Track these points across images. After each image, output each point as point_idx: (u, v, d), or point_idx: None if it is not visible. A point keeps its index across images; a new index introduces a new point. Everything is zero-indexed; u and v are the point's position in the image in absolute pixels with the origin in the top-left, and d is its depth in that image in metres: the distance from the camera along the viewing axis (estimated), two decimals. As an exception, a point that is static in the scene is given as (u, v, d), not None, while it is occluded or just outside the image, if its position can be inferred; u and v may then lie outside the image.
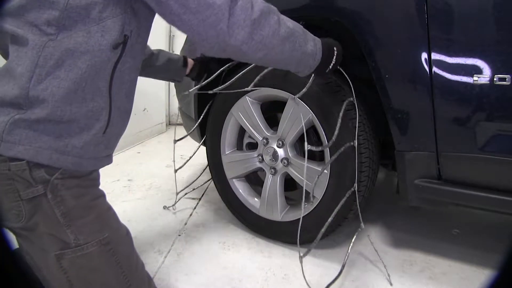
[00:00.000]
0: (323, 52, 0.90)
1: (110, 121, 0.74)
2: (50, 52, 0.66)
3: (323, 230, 1.16)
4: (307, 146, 1.10)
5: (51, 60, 0.66)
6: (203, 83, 1.35)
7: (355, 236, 1.19)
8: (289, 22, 0.81)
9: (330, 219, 1.16)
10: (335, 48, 0.94)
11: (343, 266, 1.12)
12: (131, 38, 0.73)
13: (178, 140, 1.59)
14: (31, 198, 0.70)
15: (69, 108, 0.68)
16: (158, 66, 1.21)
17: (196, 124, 1.54)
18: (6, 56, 0.75)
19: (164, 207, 1.68)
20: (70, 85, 0.67)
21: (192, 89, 1.39)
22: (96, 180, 0.80)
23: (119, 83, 0.75)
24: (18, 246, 0.80)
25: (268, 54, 0.78)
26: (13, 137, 0.66)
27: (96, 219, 0.76)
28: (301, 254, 1.11)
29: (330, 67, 0.94)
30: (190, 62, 1.30)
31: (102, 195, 0.81)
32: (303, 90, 1.12)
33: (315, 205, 1.24)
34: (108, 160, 0.82)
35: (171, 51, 1.41)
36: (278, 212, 1.34)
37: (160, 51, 1.22)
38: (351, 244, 1.16)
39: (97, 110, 0.71)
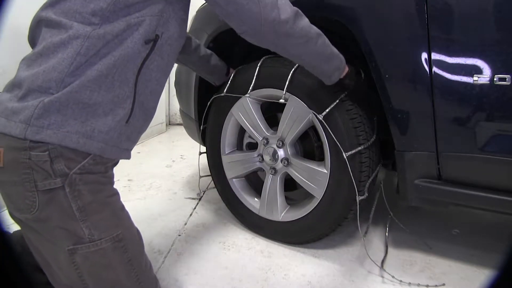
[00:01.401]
0: (347, 71, 1.03)
1: (133, 112, 0.77)
2: (93, 43, 0.71)
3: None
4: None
5: (92, 50, 0.71)
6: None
7: (386, 232, 1.18)
8: (322, 38, 0.93)
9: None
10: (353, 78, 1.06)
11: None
12: (161, 38, 0.79)
13: (203, 153, 1.64)
14: (47, 190, 0.70)
15: (98, 91, 0.72)
16: (208, 65, 1.30)
17: (201, 128, 1.53)
18: (33, 45, 0.79)
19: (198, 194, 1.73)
20: (103, 69, 0.72)
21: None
22: (111, 178, 0.83)
23: (145, 79, 0.79)
24: (25, 240, 0.80)
25: (308, 42, 0.88)
26: (41, 121, 0.68)
27: (111, 215, 0.77)
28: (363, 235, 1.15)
29: (349, 80, 1.05)
30: (232, 71, 1.38)
31: (116, 193, 0.82)
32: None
33: (315, 205, 1.24)
34: (127, 154, 0.85)
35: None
36: (278, 212, 1.34)
37: (212, 53, 1.31)
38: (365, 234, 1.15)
39: (122, 97, 0.75)
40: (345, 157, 1.11)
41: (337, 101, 1.12)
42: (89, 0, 0.72)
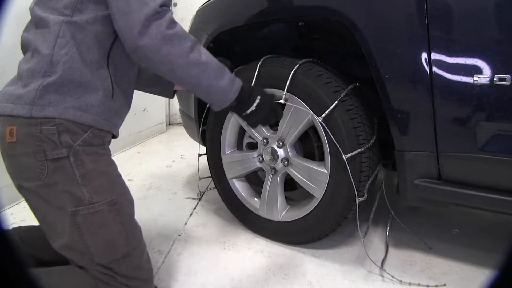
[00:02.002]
0: (240, 95, 0.97)
1: (114, 90, 0.90)
2: (67, 26, 0.84)
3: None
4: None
5: (69, 32, 0.83)
6: None
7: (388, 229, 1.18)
8: (204, 56, 0.90)
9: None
10: (259, 99, 1.01)
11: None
12: None
13: (202, 154, 1.65)
14: (55, 159, 0.83)
15: (85, 71, 0.85)
16: (143, 79, 1.20)
17: (200, 129, 1.53)
18: (25, 48, 0.91)
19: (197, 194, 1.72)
20: (84, 52, 0.84)
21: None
22: (109, 151, 0.95)
23: (115, 63, 0.90)
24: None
25: (173, 71, 0.88)
26: (43, 100, 0.82)
27: (108, 182, 0.90)
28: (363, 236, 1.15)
29: (248, 112, 1.01)
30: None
31: (113, 163, 0.95)
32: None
33: (315, 205, 1.24)
34: (116, 129, 0.96)
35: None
36: (278, 212, 1.34)
37: None
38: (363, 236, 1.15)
39: (103, 76, 0.88)
40: (344, 159, 1.11)
41: (337, 102, 1.12)
42: None
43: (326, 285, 1.15)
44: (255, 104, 1.01)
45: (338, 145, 1.12)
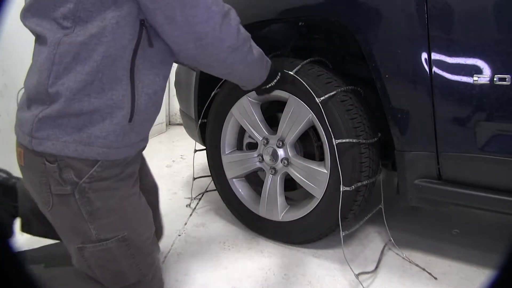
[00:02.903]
0: (269, 74, 1.04)
1: (136, 108, 0.74)
2: (65, 49, 0.67)
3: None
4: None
5: (67, 57, 0.67)
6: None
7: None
8: (255, 50, 0.92)
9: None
10: (279, 74, 1.11)
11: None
12: (146, 24, 0.72)
13: (198, 150, 1.68)
14: (59, 194, 0.75)
15: (88, 99, 0.69)
16: None
17: (199, 122, 1.53)
18: None
19: (187, 206, 1.71)
20: (87, 77, 0.68)
21: None
22: (129, 178, 0.82)
23: (140, 78, 0.74)
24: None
25: (230, 74, 0.90)
26: (41, 133, 0.70)
27: (119, 219, 0.81)
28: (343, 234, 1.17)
29: (267, 86, 1.08)
30: None
31: (132, 194, 0.84)
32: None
33: (315, 205, 1.24)
34: (143, 143, 0.86)
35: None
36: (278, 212, 1.34)
37: None
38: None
39: (117, 98, 0.71)
40: (335, 146, 1.11)
41: (336, 91, 1.12)
42: (58, 5, 0.68)
43: (326, 285, 1.15)
44: (275, 81, 1.08)
45: (337, 146, 1.12)
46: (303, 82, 1.16)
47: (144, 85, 0.74)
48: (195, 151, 1.70)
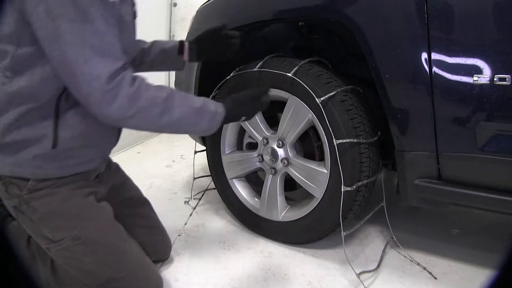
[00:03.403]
0: (228, 116, 0.96)
1: (59, 139, 0.85)
2: (1, 95, 0.82)
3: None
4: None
5: (2, 101, 0.82)
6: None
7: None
8: (178, 111, 0.85)
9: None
10: (244, 118, 1.03)
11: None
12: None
13: (198, 151, 1.69)
14: (14, 206, 0.90)
15: (19, 132, 0.83)
16: (150, 60, 1.19)
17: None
18: None
19: (185, 202, 1.72)
20: (18, 117, 0.82)
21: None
22: (67, 184, 0.91)
23: (70, 111, 0.85)
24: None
25: (144, 130, 0.89)
26: None
27: (66, 220, 0.91)
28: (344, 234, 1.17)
29: (243, 119, 1.04)
30: (186, 48, 1.21)
31: (72, 196, 0.92)
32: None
33: (315, 205, 1.24)
34: (81, 167, 0.93)
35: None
36: (278, 212, 1.34)
37: (154, 42, 1.20)
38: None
39: (43, 131, 0.84)
40: (336, 146, 1.10)
41: (336, 91, 1.12)
42: (1, 57, 0.80)
43: (326, 285, 1.15)
44: (242, 119, 1.04)
45: (336, 147, 1.12)
46: (302, 83, 1.16)
47: (68, 123, 0.85)
48: (195, 152, 1.70)
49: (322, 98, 1.12)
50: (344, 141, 1.12)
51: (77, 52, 0.73)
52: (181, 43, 1.20)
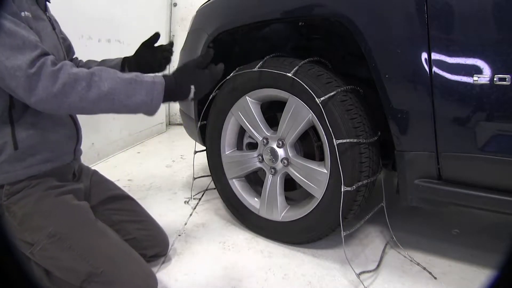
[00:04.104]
0: (168, 94, 0.92)
1: (18, 140, 0.92)
2: None
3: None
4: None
5: None
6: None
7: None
8: (107, 83, 0.86)
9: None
10: (194, 88, 0.95)
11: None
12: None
13: (198, 151, 1.70)
14: None
15: None
16: (132, 65, 1.21)
17: (199, 124, 1.53)
18: None
19: (185, 202, 1.73)
20: None
21: None
22: (42, 184, 0.97)
23: (21, 115, 0.91)
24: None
25: (82, 112, 0.89)
26: None
27: (40, 219, 0.95)
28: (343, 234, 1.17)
29: (190, 98, 0.96)
30: (125, 62, 1.21)
31: (43, 196, 0.96)
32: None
33: (315, 205, 1.24)
34: (50, 164, 0.98)
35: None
36: (278, 212, 1.34)
37: (100, 63, 1.22)
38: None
39: (3, 138, 0.90)
40: (335, 146, 1.10)
41: (336, 91, 1.12)
42: None
43: (326, 285, 1.15)
44: (192, 93, 0.96)
45: (336, 147, 1.12)
46: (302, 83, 1.16)
47: (23, 126, 0.92)
48: (195, 152, 1.70)
49: (322, 98, 1.12)
50: (344, 141, 1.12)
51: None
52: (124, 60, 1.22)
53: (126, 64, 1.22)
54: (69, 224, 0.97)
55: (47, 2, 1.08)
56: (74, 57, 1.25)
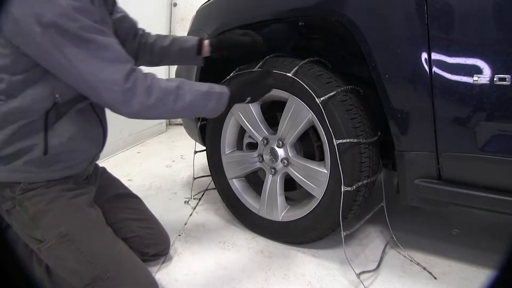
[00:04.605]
0: (230, 102, 1.03)
1: (49, 146, 0.93)
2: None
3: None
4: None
5: (1, 117, 0.88)
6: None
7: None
8: (189, 96, 0.95)
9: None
10: (249, 99, 1.08)
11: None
12: (61, 98, 0.91)
13: (198, 151, 1.70)
14: (7, 210, 0.96)
15: (13, 146, 0.90)
16: (169, 58, 1.25)
17: (199, 124, 1.53)
18: None
19: (185, 202, 1.73)
20: (11, 133, 0.89)
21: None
22: (56, 186, 0.97)
23: (57, 123, 0.93)
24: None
25: (166, 117, 1.03)
26: None
27: (53, 217, 0.95)
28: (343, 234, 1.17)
29: (248, 100, 1.09)
30: (206, 45, 1.24)
31: (59, 196, 0.97)
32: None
33: (315, 205, 1.24)
34: (69, 171, 0.99)
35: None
36: (278, 212, 1.34)
37: (173, 40, 1.24)
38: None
39: (34, 141, 0.91)
40: (335, 145, 1.10)
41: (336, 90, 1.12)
42: None
43: (326, 285, 1.15)
44: (247, 101, 1.09)
45: (337, 147, 1.12)
46: (302, 83, 1.16)
47: (56, 132, 0.93)
48: (195, 152, 1.70)
49: (322, 98, 1.12)
50: (344, 141, 1.12)
51: (92, 67, 0.83)
52: (200, 42, 1.24)
53: (203, 47, 1.24)
54: (80, 226, 0.98)
55: (114, 3, 1.11)
56: (140, 32, 1.23)
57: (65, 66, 0.82)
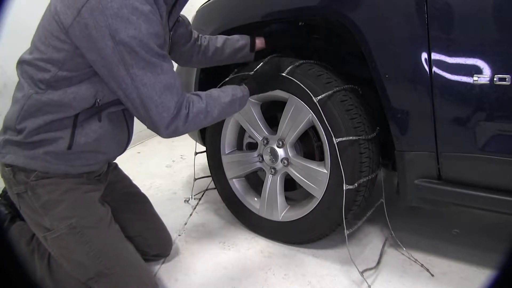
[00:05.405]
0: (253, 93, 1.16)
1: (75, 143, 0.95)
2: (32, 103, 0.91)
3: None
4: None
5: (32, 108, 0.91)
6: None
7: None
8: (217, 110, 1.02)
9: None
10: (264, 80, 1.19)
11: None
12: (101, 101, 0.94)
13: (199, 152, 1.71)
14: (18, 194, 0.97)
15: (39, 135, 0.93)
16: (223, 58, 1.31)
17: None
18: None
19: (185, 202, 1.74)
20: (42, 123, 0.92)
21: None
22: (72, 178, 0.99)
23: (88, 123, 0.95)
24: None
25: (196, 129, 1.06)
26: (5, 149, 0.95)
27: (65, 208, 0.97)
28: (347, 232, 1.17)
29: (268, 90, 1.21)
30: (259, 42, 1.32)
31: (75, 188, 0.99)
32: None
33: (315, 205, 1.24)
34: (87, 168, 1.02)
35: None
36: (278, 212, 1.34)
37: (226, 40, 1.29)
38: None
39: (60, 134, 0.93)
40: (335, 144, 1.10)
41: (334, 90, 1.12)
42: (39, 71, 0.90)
43: (326, 285, 1.15)
44: (267, 91, 1.21)
45: (337, 146, 1.12)
46: (300, 83, 1.16)
47: (84, 132, 0.96)
48: (196, 153, 1.69)
49: (319, 97, 1.12)
50: (344, 139, 1.12)
51: (152, 91, 0.88)
52: (253, 40, 1.31)
53: (256, 44, 1.32)
54: (91, 220, 1.00)
55: (178, 18, 1.17)
56: (195, 36, 1.28)
57: (127, 83, 0.86)
